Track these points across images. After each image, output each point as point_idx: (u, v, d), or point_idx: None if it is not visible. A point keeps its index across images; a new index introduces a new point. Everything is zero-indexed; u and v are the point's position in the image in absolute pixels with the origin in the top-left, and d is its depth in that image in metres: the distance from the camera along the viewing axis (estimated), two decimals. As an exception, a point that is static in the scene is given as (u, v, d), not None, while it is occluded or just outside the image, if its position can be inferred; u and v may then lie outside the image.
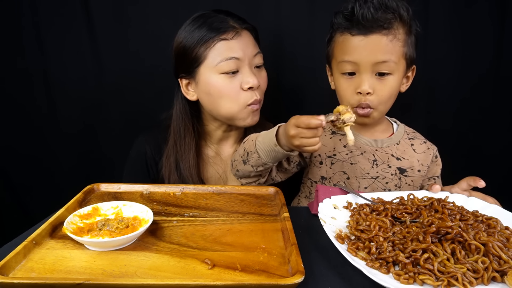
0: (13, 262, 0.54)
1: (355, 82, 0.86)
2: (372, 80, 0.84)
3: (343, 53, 0.86)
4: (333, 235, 0.62)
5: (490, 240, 0.56)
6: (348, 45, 0.85)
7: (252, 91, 0.94)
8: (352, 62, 0.85)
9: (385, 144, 0.95)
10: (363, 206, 0.74)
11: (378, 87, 0.85)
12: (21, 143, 1.35)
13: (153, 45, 1.27)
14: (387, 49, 0.82)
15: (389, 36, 0.82)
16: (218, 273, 0.54)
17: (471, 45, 1.24)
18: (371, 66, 0.83)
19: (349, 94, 0.88)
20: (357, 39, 0.83)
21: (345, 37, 0.86)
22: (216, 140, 1.08)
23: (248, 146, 0.83)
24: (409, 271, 0.54)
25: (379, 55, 0.82)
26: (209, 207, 0.77)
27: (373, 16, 0.81)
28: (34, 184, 1.40)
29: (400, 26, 0.83)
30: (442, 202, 0.72)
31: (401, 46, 0.84)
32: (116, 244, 0.59)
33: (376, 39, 0.82)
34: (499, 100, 1.28)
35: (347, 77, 0.87)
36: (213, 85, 0.93)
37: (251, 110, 0.96)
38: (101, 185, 0.84)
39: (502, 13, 1.20)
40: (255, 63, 0.96)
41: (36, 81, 1.30)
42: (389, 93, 0.86)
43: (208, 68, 0.93)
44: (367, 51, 0.83)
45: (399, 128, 1.00)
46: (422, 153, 0.96)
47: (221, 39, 0.91)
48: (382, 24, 0.81)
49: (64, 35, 1.26)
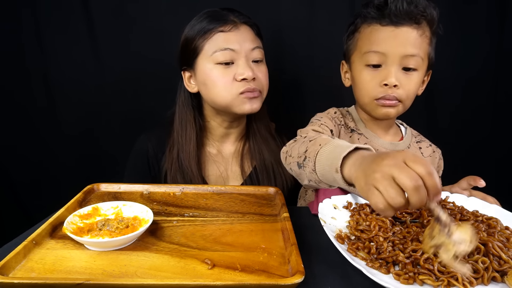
0: (13, 262, 0.54)
1: (381, 74, 0.83)
2: (399, 73, 0.83)
3: (371, 43, 0.84)
4: (333, 235, 0.62)
5: (490, 240, 0.56)
6: (377, 35, 0.83)
7: (246, 82, 0.95)
8: (380, 53, 0.82)
9: (400, 147, 0.94)
10: (363, 206, 0.74)
11: (405, 82, 0.83)
12: (22, 143, 1.35)
13: (153, 44, 1.27)
14: (416, 43, 0.81)
15: (419, 31, 0.81)
16: (218, 273, 0.54)
17: (471, 44, 1.24)
18: (399, 59, 0.81)
19: (373, 86, 0.85)
20: (387, 30, 0.82)
21: (373, 27, 0.84)
22: (218, 137, 1.09)
23: (311, 148, 0.67)
24: (409, 271, 0.54)
25: (409, 47, 0.81)
26: (209, 207, 0.77)
27: (406, 9, 0.80)
28: (34, 184, 1.39)
29: (428, 24, 0.83)
30: (442, 202, 0.72)
31: (428, 44, 0.83)
32: (116, 244, 0.59)
33: (407, 32, 0.81)
34: (499, 100, 1.28)
35: (371, 69, 0.85)
36: (208, 75, 0.96)
37: (246, 97, 0.96)
38: (101, 185, 0.84)
39: (502, 12, 1.20)
40: (253, 57, 0.97)
41: (36, 81, 1.30)
42: (414, 89, 0.85)
43: (204, 58, 0.96)
44: (397, 43, 0.81)
45: (407, 131, 1.00)
46: (428, 157, 0.97)
47: (218, 30, 0.94)
48: (414, 19, 0.80)
49: (64, 35, 1.26)
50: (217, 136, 1.09)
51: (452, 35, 1.23)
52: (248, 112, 0.98)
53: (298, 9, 1.24)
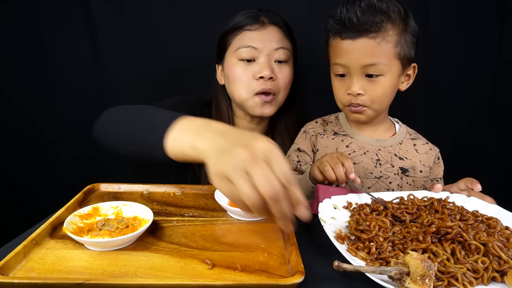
0: (13, 262, 0.54)
1: (346, 83, 0.89)
2: (362, 81, 0.87)
3: (335, 56, 0.89)
4: (333, 235, 0.62)
5: (490, 240, 0.56)
6: (339, 48, 0.87)
7: (263, 81, 0.98)
8: (343, 65, 0.87)
9: (388, 144, 0.96)
10: (362, 206, 0.74)
11: (369, 88, 0.87)
12: (22, 143, 1.35)
13: (153, 44, 1.27)
14: (374, 52, 0.83)
15: (376, 39, 0.83)
16: (218, 273, 0.54)
17: (471, 45, 1.24)
18: (360, 69, 0.85)
19: (341, 94, 0.91)
20: (346, 43, 0.85)
21: (336, 40, 0.88)
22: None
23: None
24: (409, 271, 0.54)
25: (366, 58, 0.84)
26: (209, 207, 0.77)
27: (359, 20, 0.82)
28: (34, 184, 1.39)
29: (390, 27, 0.84)
30: (442, 202, 0.72)
31: (392, 48, 0.84)
32: (116, 244, 0.59)
33: (363, 43, 0.83)
34: (499, 100, 1.28)
35: (339, 79, 0.91)
36: (231, 69, 1.02)
37: (260, 100, 1.00)
38: (101, 185, 0.85)
39: (502, 12, 1.20)
40: (276, 57, 1.01)
41: (36, 81, 1.30)
42: (381, 93, 0.88)
43: (231, 54, 1.02)
44: (355, 55, 0.85)
45: (401, 128, 1.00)
46: (424, 154, 0.96)
47: (246, 29, 1.00)
48: (369, 28, 0.82)
49: (65, 35, 1.26)
50: (242, 129, 1.12)
51: (453, 37, 1.23)
52: (258, 116, 1.03)
53: (298, 9, 1.24)
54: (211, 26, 1.19)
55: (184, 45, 1.27)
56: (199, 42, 1.26)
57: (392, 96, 0.92)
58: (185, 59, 1.29)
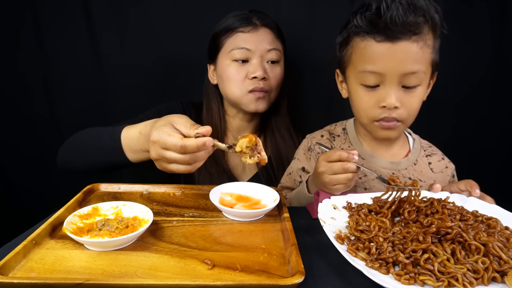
0: (12, 262, 0.54)
1: (378, 95, 0.75)
2: (399, 92, 0.74)
3: (366, 62, 0.75)
4: (333, 236, 0.62)
5: (490, 240, 0.56)
6: (372, 53, 0.73)
7: (257, 80, 1.01)
8: (377, 73, 0.74)
9: (402, 166, 0.87)
10: (361, 206, 0.73)
11: (406, 100, 0.75)
12: (21, 143, 1.35)
13: (154, 44, 1.27)
14: (417, 58, 0.72)
15: (419, 43, 0.71)
16: (218, 274, 0.54)
17: (471, 44, 1.24)
18: (399, 78, 0.73)
19: (370, 107, 0.77)
20: (383, 47, 0.72)
21: (367, 42, 0.74)
22: (235, 129, 1.15)
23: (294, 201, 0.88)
24: (409, 272, 0.54)
25: (409, 65, 0.72)
26: (209, 207, 0.77)
27: (403, 20, 0.69)
28: (34, 184, 1.39)
29: (430, 30, 0.73)
30: (442, 202, 0.72)
31: (431, 53, 0.74)
32: (115, 244, 0.59)
33: (406, 47, 0.71)
34: (499, 100, 1.28)
35: (368, 89, 0.77)
36: (225, 70, 1.04)
37: (254, 97, 1.03)
38: (101, 185, 0.84)
39: (502, 12, 1.20)
40: (268, 58, 1.04)
41: (36, 81, 1.30)
42: (417, 105, 0.77)
43: (224, 55, 1.05)
44: (395, 61, 0.72)
45: (415, 143, 0.91)
46: (439, 173, 0.89)
47: (239, 31, 1.02)
48: (413, 29, 0.70)
49: (64, 35, 1.26)
50: (234, 127, 1.15)
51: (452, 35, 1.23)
52: (253, 111, 1.05)
53: (298, 9, 1.24)
54: (211, 26, 1.19)
55: (184, 45, 1.28)
56: (199, 42, 1.25)
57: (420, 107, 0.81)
58: (184, 59, 1.29)
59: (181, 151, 0.66)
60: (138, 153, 0.81)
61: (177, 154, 0.67)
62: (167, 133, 0.67)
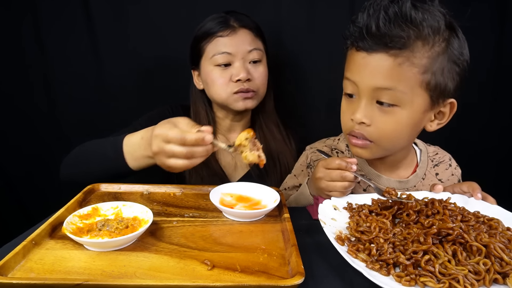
0: (12, 262, 0.54)
1: (353, 106, 0.72)
2: (370, 108, 0.70)
3: (346, 69, 0.73)
4: (333, 237, 0.62)
5: (492, 241, 0.56)
6: (351, 61, 0.71)
7: (241, 82, 1.02)
8: (352, 82, 0.71)
9: (411, 184, 0.83)
10: (362, 207, 0.73)
11: (379, 119, 0.70)
12: (21, 143, 1.35)
13: (154, 44, 1.27)
14: (392, 74, 0.66)
15: (398, 59, 0.65)
16: (218, 274, 0.54)
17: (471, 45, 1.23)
18: (370, 92, 0.68)
19: (346, 118, 0.74)
20: (359, 56, 0.68)
21: (351, 50, 0.72)
22: (225, 129, 1.16)
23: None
24: (410, 273, 0.53)
25: (380, 80, 0.67)
26: (209, 207, 0.77)
27: (378, 30, 0.65)
28: (34, 184, 1.39)
29: (421, 46, 0.65)
30: (443, 203, 0.72)
31: (418, 73, 0.66)
32: (115, 244, 0.59)
33: (379, 60, 0.66)
34: (499, 100, 1.27)
35: (348, 99, 0.74)
36: (208, 75, 1.05)
37: (240, 96, 1.04)
38: (101, 185, 0.84)
39: (502, 13, 1.20)
40: (250, 58, 1.04)
41: (36, 81, 1.30)
42: (393, 129, 0.70)
43: (206, 60, 1.05)
44: (366, 73, 0.68)
45: (422, 155, 0.87)
46: (446, 181, 0.88)
47: (218, 36, 1.02)
48: (389, 42, 0.64)
49: (65, 35, 1.26)
50: (224, 128, 1.15)
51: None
52: (242, 109, 1.06)
53: (298, 9, 1.24)
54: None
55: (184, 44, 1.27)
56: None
57: (411, 135, 0.74)
58: (184, 59, 1.29)
59: (180, 143, 0.69)
60: (139, 160, 0.81)
61: (177, 147, 0.69)
62: (169, 127, 0.70)
